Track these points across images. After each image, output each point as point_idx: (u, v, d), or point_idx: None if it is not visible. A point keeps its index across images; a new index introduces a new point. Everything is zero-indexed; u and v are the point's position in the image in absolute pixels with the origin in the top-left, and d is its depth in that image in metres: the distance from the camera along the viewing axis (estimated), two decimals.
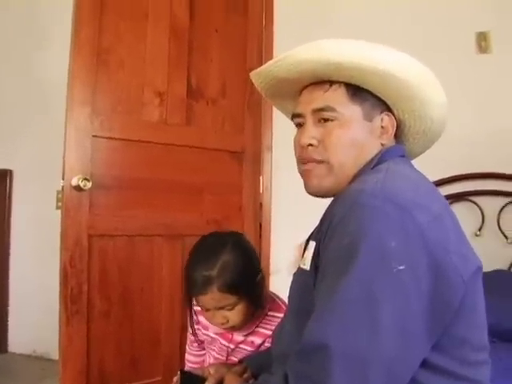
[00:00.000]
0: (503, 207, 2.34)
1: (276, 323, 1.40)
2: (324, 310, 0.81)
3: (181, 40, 2.45)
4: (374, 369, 0.75)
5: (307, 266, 0.95)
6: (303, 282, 0.96)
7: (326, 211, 0.95)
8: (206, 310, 1.38)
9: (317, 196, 1.06)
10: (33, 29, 3.35)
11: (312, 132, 1.04)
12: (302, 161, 1.06)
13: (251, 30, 2.77)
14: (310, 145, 1.03)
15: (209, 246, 1.40)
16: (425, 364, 0.83)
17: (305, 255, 0.98)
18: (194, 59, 2.50)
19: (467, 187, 2.39)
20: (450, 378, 0.85)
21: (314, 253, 0.93)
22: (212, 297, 1.32)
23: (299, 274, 1.00)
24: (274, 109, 2.76)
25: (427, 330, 0.80)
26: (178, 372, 1.36)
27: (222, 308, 1.35)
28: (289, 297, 1.06)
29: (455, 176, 2.38)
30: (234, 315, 1.36)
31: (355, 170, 1.01)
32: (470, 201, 2.39)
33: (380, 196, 0.84)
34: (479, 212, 2.37)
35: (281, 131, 2.74)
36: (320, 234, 0.92)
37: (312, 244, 0.95)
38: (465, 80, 2.40)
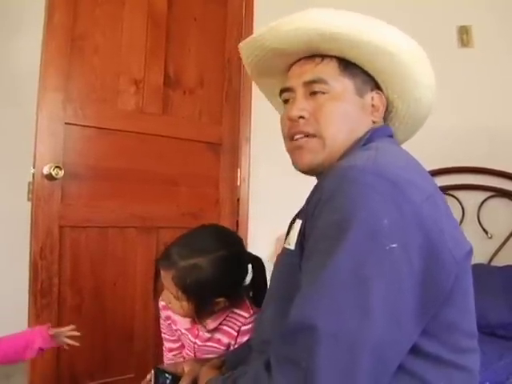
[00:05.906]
0: (483, 202, 2.34)
1: (241, 323, 1.38)
2: (312, 288, 0.75)
3: (158, 27, 2.39)
4: (364, 352, 0.70)
5: (292, 245, 0.91)
6: (288, 262, 0.92)
7: (314, 188, 0.90)
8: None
9: (305, 173, 1.02)
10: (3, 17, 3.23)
11: (303, 104, 1.00)
12: (292, 135, 1.01)
13: (231, 19, 2.72)
14: (301, 117, 0.99)
15: (201, 239, 1.34)
16: (414, 350, 0.78)
17: (290, 234, 0.94)
18: (171, 47, 2.45)
19: (447, 181, 2.39)
20: (441, 365, 0.81)
21: (300, 231, 0.89)
22: (165, 276, 1.31)
23: (283, 254, 0.96)
24: (253, 100, 2.77)
25: (418, 312, 0.76)
26: (152, 370, 1.29)
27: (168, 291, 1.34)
28: (271, 280, 1.01)
29: (436, 170, 2.37)
30: (176, 305, 1.32)
31: (347, 145, 0.98)
32: (451, 195, 2.39)
33: (372, 172, 0.79)
34: (459, 206, 2.37)
35: (260, 123, 2.70)
36: (307, 212, 0.87)
37: (298, 222, 0.91)
38: (446, 74, 2.37)
